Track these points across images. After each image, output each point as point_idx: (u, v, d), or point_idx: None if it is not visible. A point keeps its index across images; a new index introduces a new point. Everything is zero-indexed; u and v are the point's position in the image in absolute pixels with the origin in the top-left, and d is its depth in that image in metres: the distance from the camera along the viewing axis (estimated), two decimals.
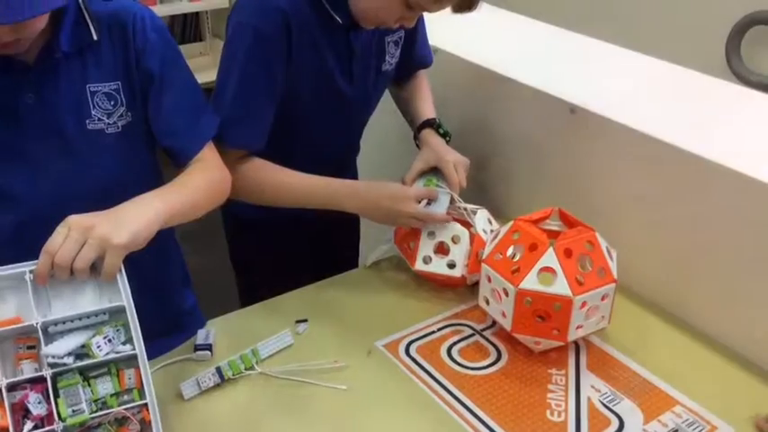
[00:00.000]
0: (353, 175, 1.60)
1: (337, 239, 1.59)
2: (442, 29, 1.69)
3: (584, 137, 1.33)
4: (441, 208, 1.29)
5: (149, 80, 1.08)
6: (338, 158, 1.46)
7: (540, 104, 1.40)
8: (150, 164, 1.16)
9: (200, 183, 1.09)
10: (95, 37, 1.03)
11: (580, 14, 2.95)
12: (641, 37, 2.54)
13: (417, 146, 1.43)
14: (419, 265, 1.29)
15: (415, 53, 1.47)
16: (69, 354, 0.89)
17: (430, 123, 1.43)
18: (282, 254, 1.48)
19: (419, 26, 1.45)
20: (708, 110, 1.35)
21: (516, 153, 1.50)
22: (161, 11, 3.04)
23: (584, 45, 1.63)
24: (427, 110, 1.47)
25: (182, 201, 1.03)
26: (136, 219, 0.92)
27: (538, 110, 1.41)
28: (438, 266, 1.28)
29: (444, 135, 1.42)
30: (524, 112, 1.45)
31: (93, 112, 1.05)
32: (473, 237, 1.28)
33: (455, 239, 1.28)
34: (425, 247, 1.29)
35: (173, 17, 3.34)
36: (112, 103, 1.06)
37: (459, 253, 1.27)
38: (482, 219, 1.32)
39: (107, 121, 1.06)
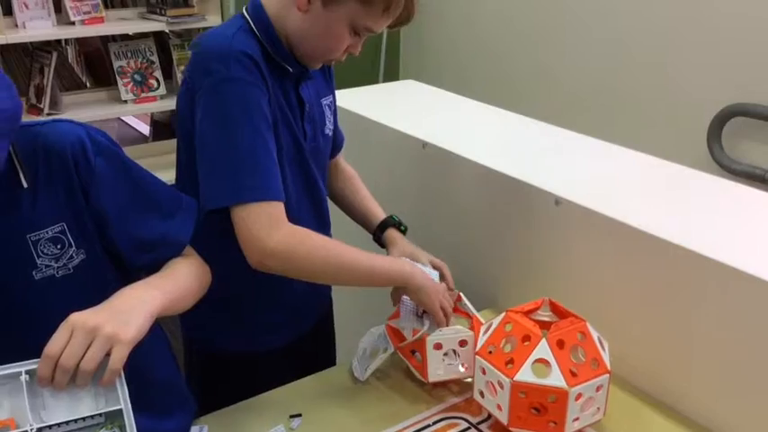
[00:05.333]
0: None
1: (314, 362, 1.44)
2: (429, 123, 1.74)
3: (570, 228, 1.36)
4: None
5: (105, 216, 0.98)
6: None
7: (524, 196, 1.43)
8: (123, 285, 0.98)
9: (190, 273, 1.05)
10: (25, 185, 0.93)
11: (563, 109, 3.07)
12: (625, 129, 2.64)
13: (379, 244, 1.44)
14: (433, 378, 1.26)
15: (335, 131, 1.44)
16: None
17: (393, 223, 1.43)
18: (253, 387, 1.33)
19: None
20: (691, 201, 1.38)
21: (504, 244, 1.52)
22: (162, 106, 3.11)
23: (567, 138, 1.68)
24: (377, 208, 1.48)
25: (176, 291, 0.99)
26: (139, 311, 0.89)
27: (523, 201, 1.44)
28: (452, 372, 1.26)
29: (404, 231, 1.44)
30: (509, 204, 1.48)
31: (39, 262, 0.95)
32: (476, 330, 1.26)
33: (462, 343, 1.25)
34: (434, 360, 1.25)
35: (173, 111, 3.42)
36: (59, 246, 0.96)
37: (468, 353, 1.25)
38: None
39: (55, 265, 0.96)
